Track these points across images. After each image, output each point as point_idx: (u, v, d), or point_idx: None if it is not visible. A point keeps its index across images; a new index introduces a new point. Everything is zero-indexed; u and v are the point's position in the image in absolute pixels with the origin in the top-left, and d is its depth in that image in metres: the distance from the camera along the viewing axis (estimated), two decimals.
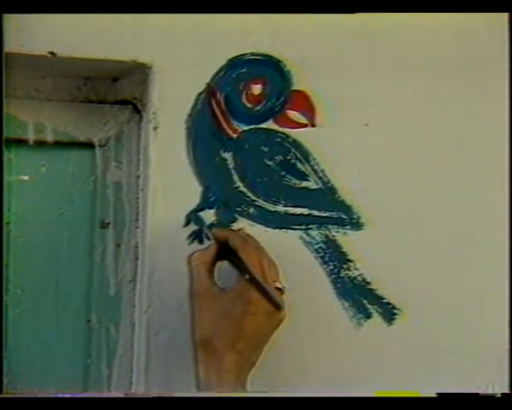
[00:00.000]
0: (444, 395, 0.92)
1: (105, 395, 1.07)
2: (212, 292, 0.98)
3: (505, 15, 1.11)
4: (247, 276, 0.98)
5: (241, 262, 0.99)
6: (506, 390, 1.07)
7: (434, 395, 0.91)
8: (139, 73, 1.09)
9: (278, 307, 0.97)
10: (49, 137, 1.11)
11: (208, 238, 1.06)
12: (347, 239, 1.11)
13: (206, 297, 0.98)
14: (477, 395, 0.92)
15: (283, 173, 1.10)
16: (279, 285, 1.01)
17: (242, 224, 1.09)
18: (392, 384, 1.07)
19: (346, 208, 1.11)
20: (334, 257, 1.11)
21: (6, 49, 1.00)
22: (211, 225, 1.08)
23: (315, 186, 1.11)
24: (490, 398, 0.93)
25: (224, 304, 0.97)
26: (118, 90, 1.13)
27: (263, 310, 0.97)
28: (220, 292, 0.98)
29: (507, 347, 1.11)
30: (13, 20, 1.01)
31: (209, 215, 1.08)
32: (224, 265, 1.03)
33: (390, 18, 1.12)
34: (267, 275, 0.99)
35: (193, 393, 0.96)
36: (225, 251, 1.02)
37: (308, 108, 1.10)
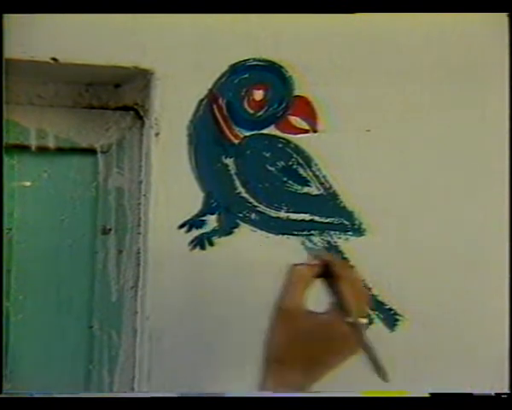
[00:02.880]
0: (438, 395, 0.91)
1: (105, 395, 1.06)
2: (301, 312, 0.90)
3: (505, 15, 1.12)
4: (350, 319, 0.89)
5: (341, 295, 0.91)
6: (506, 390, 1.06)
7: (427, 395, 0.91)
8: (141, 79, 1.09)
9: (385, 378, 0.89)
10: (51, 144, 1.12)
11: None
12: (349, 245, 1.11)
13: (293, 316, 0.90)
14: (475, 395, 0.92)
15: (285, 179, 1.10)
16: (364, 322, 0.91)
17: (244, 229, 1.09)
18: (394, 389, 1.07)
19: (348, 214, 1.11)
20: None
21: (8, 55, 1.00)
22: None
23: (317, 192, 1.11)
24: (490, 398, 0.92)
25: (310, 328, 0.90)
26: (120, 96, 1.13)
27: (346, 350, 0.90)
28: (308, 314, 0.90)
29: (507, 347, 1.11)
30: (15, 27, 1.01)
31: (211, 221, 1.08)
32: None
33: (390, 23, 1.12)
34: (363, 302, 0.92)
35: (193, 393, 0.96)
36: (325, 275, 0.93)
37: (310, 113, 1.10)
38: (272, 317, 0.92)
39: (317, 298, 0.92)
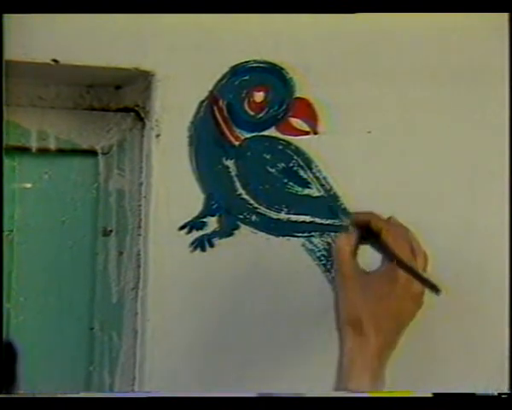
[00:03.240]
0: (440, 394, 0.91)
1: (105, 395, 1.06)
2: (358, 274, 0.97)
3: (505, 15, 1.11)
4: (394, 260, 0.95)
5: (386, 246, 0.97)
6: (506, 390, 1.06)
7: (430, 395, 0.91)
8: (142, 80, 1.09)
9: (436, 289, 0.96)
10: (52, 145, 1.12)
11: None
12: None
13: (351, 279, 0.96)
14: (475, 395, 0.92)
15: (286, 181, 1.10)
16: (433, 283, 0.97)
17: (244, 231, 1.09)
18: (393, 388, 1.07)
19: (349, 216, 1.11)
20: None
21: (9, 56, 1.00)
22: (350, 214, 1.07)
23: (317, 194, 1.11)
24: (490, 398, 0.92)
25: (371, 286, 0.96)
26: (120, 97, 1.13)
27: (410, 293, 0.96)
28: (366, 274, 0.97)
29: (507, 347, 1.11)
30: (16, 28, 1.01)
31: (211, 222, 1.08)
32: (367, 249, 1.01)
33: (391, 25, 1.12)
34: (416, 260, 0.97)
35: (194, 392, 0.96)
36: (368, 235, 0.99)
37: (310, 115, 1.10)
38: (333, 288, 1.00)
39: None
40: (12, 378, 0.90)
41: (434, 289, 0.96)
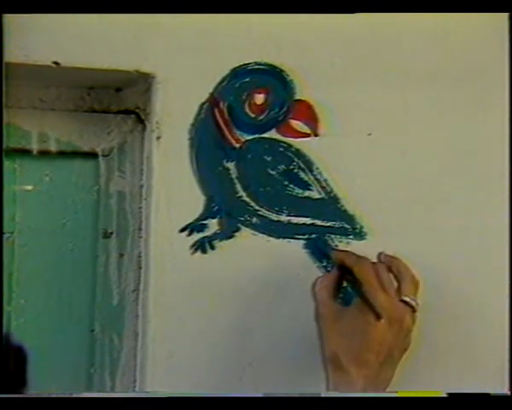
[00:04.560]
0: (455, 395, 0.92)
1: (106, 395, 1.06)
2: (335, 312, 1.02)
3: (505, 15, 1.12)
4: (360, 295, 1.01)
5: (356, 281, 1.02)
6: (506, 390, 1.06)
7: (445, 395, 0.92)
8: (142, 82, 1.09)
9: (377, 315, 0.99)
10: (53, 147, 1.12)
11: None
12: (350, 249, 1.10)
13: (329, 318, 1.02)
14: (476, 395, 0.92)
15: (286, 183, 1.10)
16: (406, 299, 1.01)
17: (245, 233, 1.09)
18: (396, 386, 1.07)
19: (349, 218, 1.11)
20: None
21: (10, 59, 1.00)
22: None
23: (318, 196, 1.11)
24: (490, 398, 0.92)
25: (346, 321, 1.00)
26: (121, 99, 1.13)
27: (387, 321, 0.99)
28: (342, 311, 1.02)
29: (507, 347, 1.11)
30: (16, 30, 1.01)
31: (212, 225, 1.08)
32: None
33: (391, 27, 1.12)
34: (387, 287, 1.01)
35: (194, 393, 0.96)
36: (344, 273, 1.05)
37: (311, 117, 1.10)
38: (317, 327, 1.04)
39: None
40: (23, 381, 0.90)
41: (375, 313, 0.99)
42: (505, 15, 1.12)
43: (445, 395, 0.91)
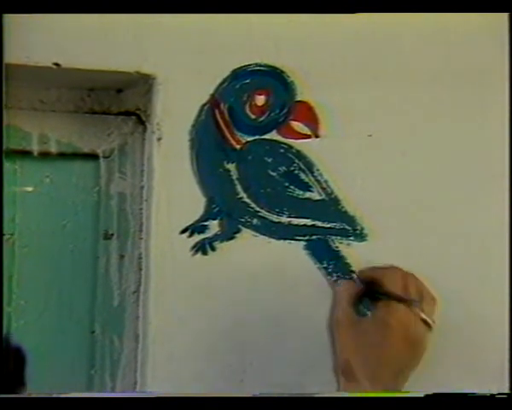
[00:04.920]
0: (441, 395, 0.92)
1: (106, 395, 1.06)
2: (353, 321, 1.00)
3: (505, 15, 1.12)
4: (391, 298, 1.00)
5: (383, 291, 1.01)
6: (506, 390, 1.07)
7: (431, 395, 0.92)
8: (143, 84, 1.09)
9: (412, 304, 0.98)
10: (53, 149, 1.12)
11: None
12: (351, 250, 1.11)
13: (346, 325, 1.00)
14: (476, 395, 0.92)
15: (287, 184, 1.10)
16: (423, 316, 1.00)
17: (246, 234, 1.09)
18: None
19: (350, 219, 1.11)
20: (337, 268, 1.10)
21: (10, 60, 1.00)
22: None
23: (318, 197, 1.11)
24: (490, 398, 0.92)
25: (364, 333, 0.99)
26: (122, 101, 1.13)
27: (405, 339, 0.98)
28: (360, 320, 1.00)
29: (507, 347, 1.11)
30: (17, 31, 1.01)
31: (213, 226, 1.08)
32: None
33: (391, 28, 1.12)
34: (410, 302, 1.00)
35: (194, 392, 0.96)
36: (372, 290, 1.04)
37: (312, 118, 1.10)
38: (329, 332, 1.03)
39: None
40: (22, 382, 0.90)
41: (429, 328, 0.99)
42: (505, 15, 1.12)
43: (431, 395, 0.92)
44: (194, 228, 1.08)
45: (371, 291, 1.04)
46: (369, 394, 0.93)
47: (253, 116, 1.09)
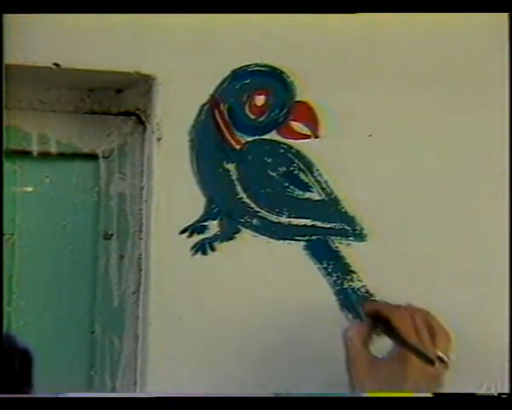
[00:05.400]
0: (441, 395, 0.92)
1: (106, 395, 1.06)
2: (370, 361, 0.98)
3: (505, 15, 1.12)
4: (404, 345, 0.97)
5: (393, 329, 0.98)
6: (506, 390, 1.06)
7: (430, 395, 0.91)
8: (143, 84, 1.09)
9: (429, 360, 0.95)
10: (53, 149, 1.12)
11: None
12: (350, 250, 1.11)
13: (364, 367, 0.98)
14: (477, 395, 0.92)
15: (286, 184, 1.10)
16: (440, 354, 0.97)
17: (246, 235, 1.09)
18: None
19: (350, 219, 1.11)
20: (337, 268, 1.10)
21: (10, 60, 1.00)
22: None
23: (318, 197, 1.11)
24: (490, 398, 0.92)
25: (382, 372, 0.97)
26: (121, 101, 1.13)
27: (423, 376, 0.96)
28: (377, 360, 0.98)
29: (507, 347, 1.11)
30: (17, 32, 1.01)
31: (212, 226, 1.08)
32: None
33: (391, 29, 1.12)
34: (424, 339, 0.97)
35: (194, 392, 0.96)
36: (379, 323, 1.01)
37: (311, 119, 1.10)
38: (348, 375, 0.98)
39: None
40: (28, 383, 0.90)
41: (425, 359, 0.96)
42: (505, 15, 1.12)
43: (430, 395, 0.92)
44: (194, 228, 1.08)
45: (381, 327, 1.02)
46: (375, 394, 0.93)
47: (252, 116, 1.10)
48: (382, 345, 1.00)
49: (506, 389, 1.08)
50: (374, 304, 1.05)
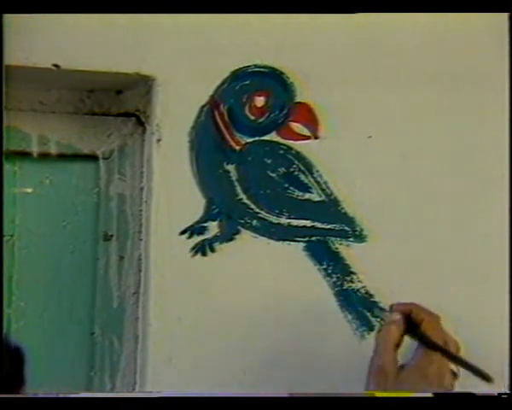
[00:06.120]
0: (441, 395, 0.92)
1: (106, 395, 1.06)
2: (394, 369, 0.95)
3: (505, 15, 1.12)
4: (437, 351, 0.94)
5: (426, 337, 0.95)
6: (506, 390, 1.06)
7: (431, 395, 0.91)
8: (143, 85, 1.09)
9: (487, 378, 0.92)
10: (53, 150, 1.12)
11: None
12: (350, 251, 1.11)
13: (389, 373, 0.95)
14: (477, 395, 0.92)
15: (286, 185, 1.10)
16: (453, 368, 0.95)
17: (245, 236, 1.09)
18: None
19: (349, 220, 1.11)
20: (337, 269, 1.10)
21: (10, 61, 1.00)
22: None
23: (318, 198, 1.11)
24: (490, 398, 0.92)
25: (403, 380, 0.94)
26: (121, 102, 1.13)
27: (437, 386, 0.94)
28: (400, 369, 0.95)
29: (507, 347, 1.11)
30: (17, 33, 1.01)
31: (212, 227, 1.08)
32: None
33: (391, 29, 1.12)
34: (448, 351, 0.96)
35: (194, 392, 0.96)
36: (409, 326, 0.98)
37: (311, 120, 1.10)
38: (370, 378, 0.95)
39: None
40: (20, 381, 0.90)
41: (485, 377, 0.92)
42: (505, 15, 1.12)
43: (430, 395, 0.92)
44: (194, 229, 1.08)
45: (410, 326, 0.98)
46: (376, 394, 0.93)
47: (252, 117, 1.10)
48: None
49: (506, 389, 1.08)
50: (406, 305, 0.99)
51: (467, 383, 1.09)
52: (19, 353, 0.92)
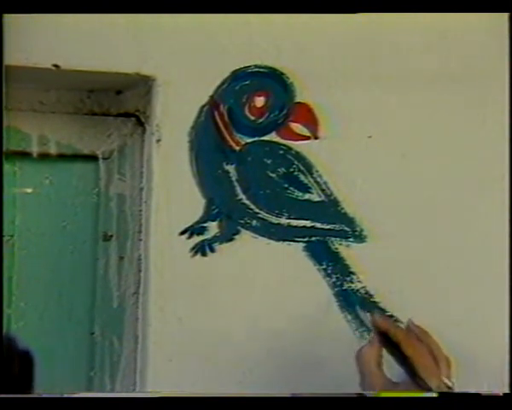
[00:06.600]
0: (444, 394, 0.92)
1: (106, 395, 1.06)
2: (387, 385, 0.95)
3: (505, 15, 1.12)
4: (415, 377, 0.94)
5: (405, 359, 0.95)
6: (506, 390, 1.06)
7: (435, 395, 0.91)
8: (142, 85, 1.09)
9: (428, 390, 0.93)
10: (53, 150, 1.12)
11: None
12: (350, 251, 1.11)
13: (380, 388, 0.95)
14: (477, 395, 0.92)
15: (286, 186, 1.10)
16: (445, 380, 0.95)
17: (245, 236, 1.09)
18: None
19: (349, 221, 1.11)
20: (336, 269, 1.10)
21: (10, 62, 1.00)
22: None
23: (318, 198, 1.11)
24: (490, 398, 0.92)
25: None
26: (121, 102, 1.13)
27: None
28: (393, 385, 0.95)
29: (507, 347, 1.11)
30: (17, 33, 1.01)
31: (212, 227, 1.08)
32: None
33: (391, 30, 1.12)
34: (439, 366, 0.95)
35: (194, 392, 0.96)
36: (387, 343, 0.98)
37: (311, 120, 1.10)
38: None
39: None
40: (29, 385, 0.90)
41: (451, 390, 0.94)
42: (505, 15, 1.12)
43: (434, 395, 0.92)
44: (194, 229, 1.08)
45: (390, 349, 0.98)
46: (379, 394, 0.93)
47: (252, 118, 1.10)
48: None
49: (506, 389, 1.08)
50: (383, 321, 0.99)
51: (467, 384, 1.10)
52: (28, 356, 0.92)
